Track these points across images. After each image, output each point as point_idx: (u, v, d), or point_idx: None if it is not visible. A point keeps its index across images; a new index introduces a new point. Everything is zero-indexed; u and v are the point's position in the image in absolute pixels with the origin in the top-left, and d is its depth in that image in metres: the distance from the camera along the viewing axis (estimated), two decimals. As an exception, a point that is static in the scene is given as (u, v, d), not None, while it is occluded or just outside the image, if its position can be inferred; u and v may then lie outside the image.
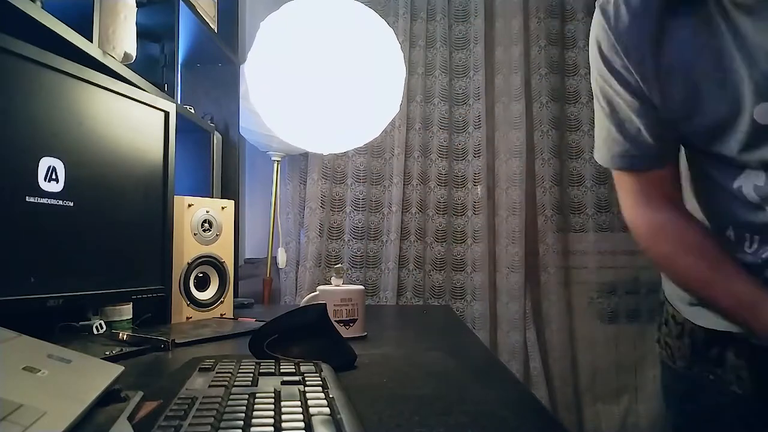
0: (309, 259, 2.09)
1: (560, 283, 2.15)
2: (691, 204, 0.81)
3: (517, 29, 2.19)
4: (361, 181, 2.18)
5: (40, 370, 0.47)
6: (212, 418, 0.41)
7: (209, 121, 1.75)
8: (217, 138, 1.73)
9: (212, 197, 1.62)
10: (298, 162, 2.18)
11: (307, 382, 0.54)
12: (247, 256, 2.11)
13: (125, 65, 1.11)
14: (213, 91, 1.84)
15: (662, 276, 0.88)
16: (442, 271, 2.17)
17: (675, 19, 0.67)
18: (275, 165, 1.97)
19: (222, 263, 1.28)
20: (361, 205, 2.18)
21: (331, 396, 0.49)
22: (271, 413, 0.43)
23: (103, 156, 0.94)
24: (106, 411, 0.49)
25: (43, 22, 0.87)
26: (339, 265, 1.13)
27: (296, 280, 2.12)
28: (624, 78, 0.71)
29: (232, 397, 0.48)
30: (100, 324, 0.95)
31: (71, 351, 0.55)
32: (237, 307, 1.40)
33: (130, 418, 0.45)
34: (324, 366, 0.62)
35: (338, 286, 1.04)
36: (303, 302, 1.04)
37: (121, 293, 0.98)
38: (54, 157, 0.83)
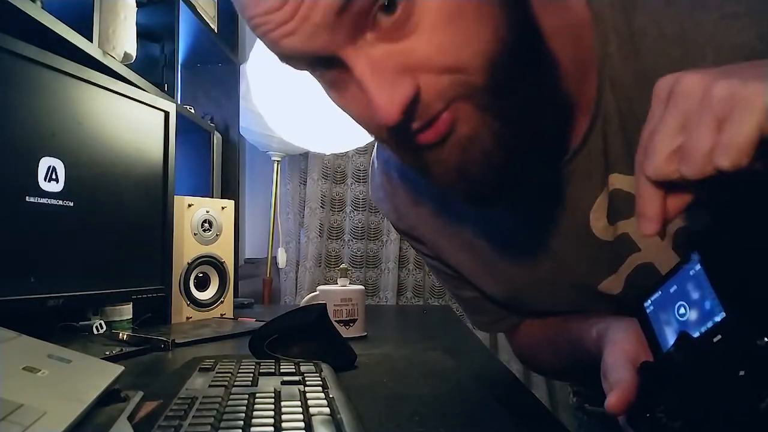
0: (309, 259, 2.09)
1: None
2: None
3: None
4: (361, 181, 2.18)
5: (40, 370, 0.47)
6: (212, 418, 0.41)
7: (209, 121, 1.75)
8: (217, 138, 1.73)
9: (212, 197, 1.61)
10: (298, 162, 2.17)
11: (307, 382, 0.54)
12: (247, 256, 2.11)
13: (125, 65, 1.11)
14: (213, 91, 1.84)
15: None
16: (442, 271, 2.17)
17: None
18: (275, 165, 1.97)
19: (222, 263, 1.28)
20: (361, 205, 2.18)
21: (331, 396, 0.49)
22: (271, 413, 0.43)
23: (103, 156, 0.94)
24: (106, 411, 0.49)
25: (43, 22, 0.86)
26: (344, 265, 1.13)
27: (296, 280, 2.12)
28: None
29: (232, 397, 0.48)
30: (100, 324, 0.95)
31: (71, 351, 0.55)
32: (237, 307, 1.40)
33: (130, 418, 0.45)
34: (324, 366, 0.62)
35: (344, 286, 1.04)
36: (303, 302, 1.04)
37: (121, 293, 0.98)
38: (54, 157, 0.83)
